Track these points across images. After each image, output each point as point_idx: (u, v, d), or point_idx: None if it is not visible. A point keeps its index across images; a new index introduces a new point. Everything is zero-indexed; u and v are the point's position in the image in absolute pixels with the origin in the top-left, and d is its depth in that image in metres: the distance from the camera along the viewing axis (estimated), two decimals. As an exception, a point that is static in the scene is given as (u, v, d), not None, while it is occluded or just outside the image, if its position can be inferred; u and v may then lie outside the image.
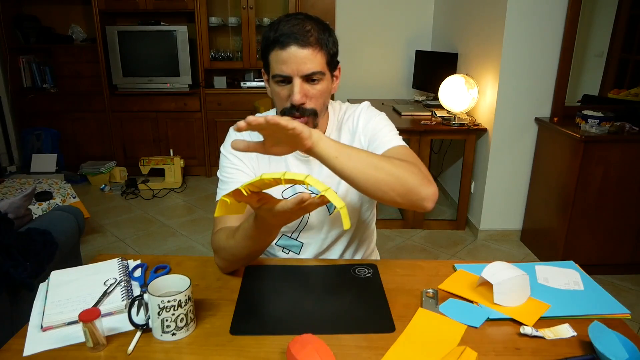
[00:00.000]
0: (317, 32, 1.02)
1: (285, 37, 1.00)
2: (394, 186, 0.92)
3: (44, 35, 4.12)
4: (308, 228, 1.21)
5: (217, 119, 4.18)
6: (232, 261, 1.06)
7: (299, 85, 1.02)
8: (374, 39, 4.27)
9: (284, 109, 1.06)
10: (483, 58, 3.06)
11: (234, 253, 1.02)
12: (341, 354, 0.81)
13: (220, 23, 4.15)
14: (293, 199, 0.79)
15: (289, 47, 1.00)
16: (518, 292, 0.95)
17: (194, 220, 3.43)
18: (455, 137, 3.29)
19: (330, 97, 1.14)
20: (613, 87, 2.93)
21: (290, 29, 1.00)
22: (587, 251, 2.61)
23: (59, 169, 4.07)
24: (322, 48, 1.03)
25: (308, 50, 1.01)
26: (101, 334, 0.83)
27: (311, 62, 1.01)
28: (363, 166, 0.90)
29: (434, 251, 2.99)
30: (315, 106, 1.06)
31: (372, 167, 0.91)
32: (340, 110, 1.22)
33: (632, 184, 2.49)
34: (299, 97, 1.02)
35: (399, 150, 1.07)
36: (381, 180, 0.91)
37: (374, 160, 0.92)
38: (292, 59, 1.00)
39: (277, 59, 1.02)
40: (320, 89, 1.05)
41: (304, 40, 1.00)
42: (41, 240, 1.77)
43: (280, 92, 1.05)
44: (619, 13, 2.82)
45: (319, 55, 1.03)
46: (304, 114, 1.05)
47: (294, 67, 1.01)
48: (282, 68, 1.01)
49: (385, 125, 1.15)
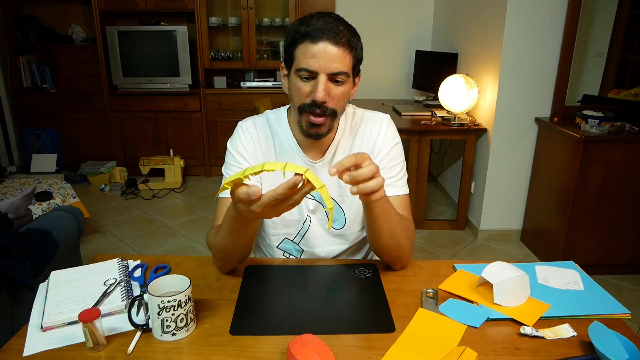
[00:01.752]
0: (348, 34, 1.02)
1: (318, 31, 0.99)
2: (390, 251, 1.06)
3: (44, 35, 4.12)
4: (310, 235, 1.20)
5: (217, 119, 4.18)
6: (223, 258, 1.05)
7: (324, 83, 1.01)
8: (374, 39, 4.26)
9: (302, 104, 1.05)
10: (483, 58, 3.06)
11: (222, 249, 1.01)
12: (341, 354, 0.81)
13: (220, 23, 4.15)
14: (284, 183, 0.76)
15: (321, 42, 0.99)
16: (518, 292, 0.95)
17: (194, 220, 3.43)
18: (455, 137, 3.29)
19: (347, 102, 1.14)
20: (613, 87, 2.93)
21: (324, 25, 0.99)
22: (587, 251, 2.61)
23: (59, 169, 4.07)
24: (352, 50, 1.03)
25: (339, 49, 1.00)
26: (101, 334, 0.83)
27: (340, 61, 1.00)
28: (386, 231, 1.01)
29: (434, 251, 2.99)
30: (335, 107, 1.05)
31: (390, 234, 1.02)
32: (355, 114, 1.20)
33: (632, 184, 2.49)
34: (322, 94, 1.01)
35: (403, 201, 1.15)
36: (387, 244, 1.04)
37: (396, 228, 1.02)
38: (322, 54, 0.99)
39: (306, 52, 1.00)
40: (343, 90, 1.04)
41: (336, 39, 0.99)
42: (41, 240, 1.77)
43: (302, 87, 1.03)
44: (619, 13, 2.82)
45: (348, 57, 1.02)
46: (324, 113, 1.04)
47: (323, 63, 0.99)
48: (310, 62, 1.00)
49: (402, 165, 1.19)
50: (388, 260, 1.10)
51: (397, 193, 1.14)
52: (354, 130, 1.19)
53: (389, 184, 1.14)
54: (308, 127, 1.07)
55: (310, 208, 1.18)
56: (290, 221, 1.19)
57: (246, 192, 0.77)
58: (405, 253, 1.08)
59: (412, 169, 3.11)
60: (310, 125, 1.06)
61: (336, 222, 1.19)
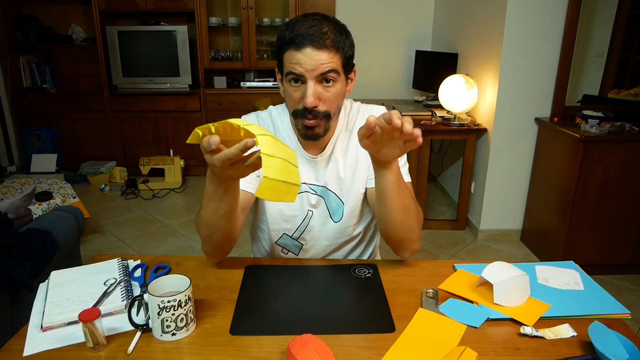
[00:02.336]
0: (333, 34, 1.01)
1: (300, 38, 0.99)
2: (401, 230, 1.04)
3: (44, 35, 4.12)
4: (309, 230, 1.20)
5: (217, 119, 4.16)
6: (208, 237, 1.02)
7: (312, 88, 1.01)
8: (374, 39, 4.26)
9: (296, 110, 1.06)
10: (483, 58, 3.06)
11: (206, 223, 0.99)
12: (341, 354, 0.81)
13: (220, 23, 4.15)
14: (237, 144, 0.76)
15: (304, 49, 0.99)
16: (518, 292, 0.95)
17: (194, 220, 3.41)
18: (455, 137, 3.29)
19: (344, 100, 1.14)
20: (613, 87, 2.93)
21: (306, 30, 0.99)
22: (587, 251, 2.61)
23: (58, 169, 4.07)
24: (338, 50, 1.03)
25: (323, 52, 1.00)
26: (101, 334, 0.83)
27: (327, 63, 1.01)
28: (399, 203, 1.00)
29: (434, 251, 2.98)
30: (328, 109, 1.05)
31: (404, 206, 1.01)
32: (352, 109, 1.21)
33: (632, 184, 2.49)
34: (311, 99, 1.01)
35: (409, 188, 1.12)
36: (399, 219, 1.02)
37: (409, 202, 1.02)
38: (306, 60, 0.99)
39: (292, 59, 1.01)
40: (335, 91, 1.05)
41: (319, 42, 0.99)
42: (41, 241, 1.77)
43: (293, 93, 1.04)
44: (619, 13, 2.82)
45: (335, 57, 1.02)
46: (316, 117, 1.04)
47: (309, 67, 1.00)
48: (296, 67, 1.01)
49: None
50: (396, 243, 1.08)
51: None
52: (351, 124, 1.19)
53: None
54: (304, 130, 1.08)
55: (312, 202, 1.18)
56: (290, 217, 1.19)
57: (207, 141, 0.79)
58: (415, 236, 1.07)
59: (412, 169, 3.11)
60: (306, 128, 1.07)
61: (335, 214, 1.19)
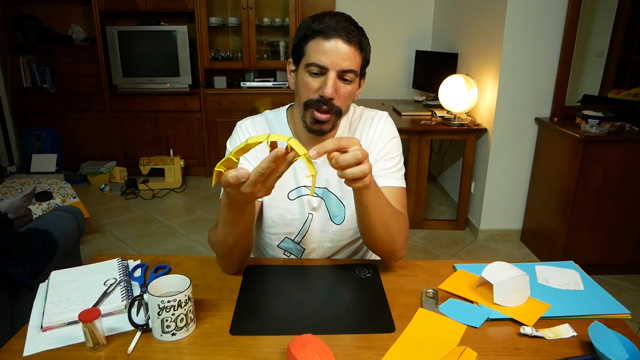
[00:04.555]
0: (359, 34, 1.04)
1: (331, 29, 1.00)
2: (383, 244, 1.05)
3: (44, 35, 4.12)
4: (311, 233, 1.20)
5: (217, 119, 4.18)
6: (225, 254, 1.04)
7: (333, 79, 1.02)
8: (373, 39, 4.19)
9: (309, 100, 1.05)
10: (483, 58, 3.06)
11: (222, 243, 1.01)
12: (341, 354, 0.81)
13: (220, 23, 4.15)
14: (267, 157, 0.76)
15: (333, 39, 1.00)
16: (518, 292, 0.95)
17: (194, 220, 3.43)
18: (455, 137, 3.29)
19: (352, 103, 1.14)
20: (613, 87, 2.93)
21: (337, 24, 1.01)
22: (587, 251, 2.61)
23: (59, 169, 4.07)
24: (362, 51, 1.05)
25: (351, 47, 1.01)
26: (101, 334, 0.83)
27: (351, 60, 1.02)
28: (378, 222, 1.00)
29: (434, 251, 2.98)
30: (341, 105, 1.06)
31: (382, 225, 1.01)
32: (354, 112, 1.21)
33: (632, 184, 2.49)
34: (331, 90, 1.02)
35: (398, 194, 1.13)
36: (379, 237, 1.03)
37: (388, 220, 1.01)
38: (333, 51, 1.00)
39: (318, 48, 1.01)
40: (350, 89, 1.06)
41: (348, 37, 1.01)
42: (41, 241, 1.77)
43: (311, 82, 1.04)
44: (619, 13, 2.82)
45: (358, 57, 1.04)
46: (331, 110, 1.05)
47: (334, 60, 1.01)
48: (321, 58, 1.01)
49: (398, 158, 1.18)
50: (381, 254, 1.10)
51: (391, 184, 1.14)
52: (353, 127, 1.20)
53: (383, 174, 1.14)
54: (312, 123, 1.07)
55: (314, 205, 1.18)
56: (291, 220, 1.19)
57: (235, 176, 0.78)
58: (399, 247, 1.07)
59: (412, 169, 3.11)
60: (315, 121, 1.06)
61: (337, 217, 1.19)
